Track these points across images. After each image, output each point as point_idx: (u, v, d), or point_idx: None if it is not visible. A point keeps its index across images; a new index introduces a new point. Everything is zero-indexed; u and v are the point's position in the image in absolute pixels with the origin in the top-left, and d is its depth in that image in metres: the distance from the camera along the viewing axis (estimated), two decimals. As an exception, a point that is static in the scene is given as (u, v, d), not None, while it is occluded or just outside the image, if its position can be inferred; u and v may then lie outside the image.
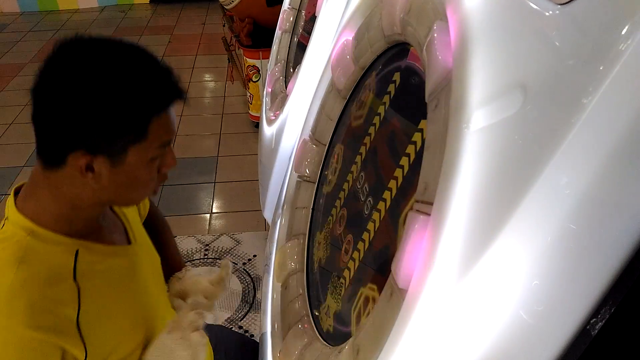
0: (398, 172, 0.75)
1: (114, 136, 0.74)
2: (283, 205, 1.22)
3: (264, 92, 1.99)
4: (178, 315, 0.98)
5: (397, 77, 0.86)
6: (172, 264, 1.14)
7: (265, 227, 2.62)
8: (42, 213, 0.79)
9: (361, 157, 0.92)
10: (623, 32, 0.41)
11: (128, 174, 0.78)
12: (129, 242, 0.95)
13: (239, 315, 2.14)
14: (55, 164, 0.75)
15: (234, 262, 2.45)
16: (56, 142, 0.74)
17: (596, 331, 0.42)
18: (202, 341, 0.93)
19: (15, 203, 0.80)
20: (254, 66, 3.08)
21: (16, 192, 0.83)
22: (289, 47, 1.95)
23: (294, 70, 1.81)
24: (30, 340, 0.73)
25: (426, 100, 0.64)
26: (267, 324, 1.05)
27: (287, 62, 1.94)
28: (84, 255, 0.81)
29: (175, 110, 0.80)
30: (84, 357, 0.79)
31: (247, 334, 2.06)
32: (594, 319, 0.42)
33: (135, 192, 0.84)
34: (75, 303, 0.78)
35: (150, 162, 0.79)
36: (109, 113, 0.72)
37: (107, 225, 0.90)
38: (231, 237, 2.60)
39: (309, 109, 1.21)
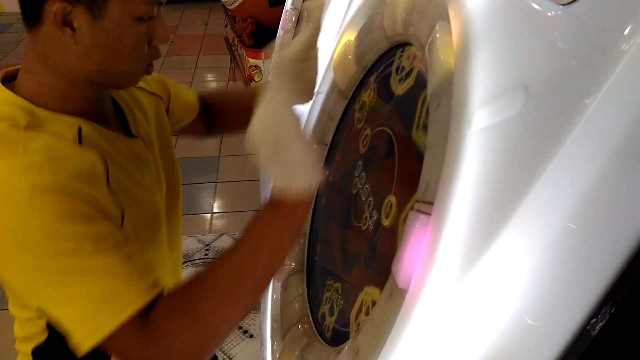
0: (398, 172, 0.75)
1: None
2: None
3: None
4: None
5: (398, 77, 0.86)
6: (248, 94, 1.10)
7: (266, 228, 2.62)
8: (38, 88, 0.75)
9: (362, 157, 0.92)
10: (625, 33, 0.41)
11: (111, 33, 0.72)
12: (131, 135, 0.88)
13: (239, 315, 2.14)
14: (34, 19, 0.73)
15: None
16: None
17: (596, 332, 0.42)
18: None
19: (5, 84, 0.77)
20: (256, 66, 3.09)
21: (5, 78, 0.79)
22: (291, 48, 1.95)
23: (296, 70, 1.81)
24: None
25: (428, 100, 0.64)
26: (266, 324, 1.05)
27: (289, 63, 1.94)
28: (88, 131, 0.77)
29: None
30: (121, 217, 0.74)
31: (246, 334, 2.06)
32: (594, 319, 0.42)
33: (124, 64, 0.77)
34: (102, 163, 0.74)
35: (135, 23, 0.73)
36: None
37: (111, 116, 0.86)
38: (232, 237, 2.60)
39: (311, 109, 1.21)
